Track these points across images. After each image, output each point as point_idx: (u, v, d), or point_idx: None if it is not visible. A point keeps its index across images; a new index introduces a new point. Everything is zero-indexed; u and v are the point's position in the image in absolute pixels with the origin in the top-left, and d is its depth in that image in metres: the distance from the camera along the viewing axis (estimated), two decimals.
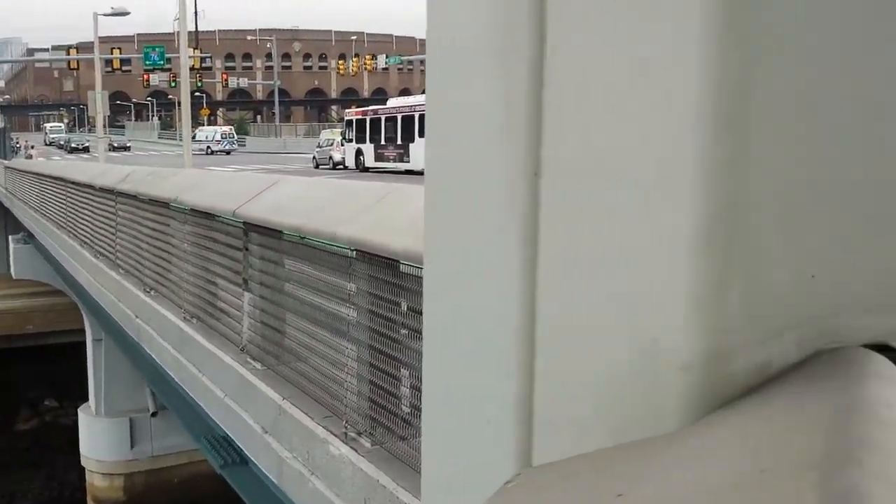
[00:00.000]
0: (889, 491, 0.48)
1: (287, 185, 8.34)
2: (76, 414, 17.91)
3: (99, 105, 35.00)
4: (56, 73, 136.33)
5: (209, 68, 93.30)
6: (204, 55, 74.41)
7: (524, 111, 0.81)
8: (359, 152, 38.42)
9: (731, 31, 0.66)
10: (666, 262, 0.69)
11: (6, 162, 35.75)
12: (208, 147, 64.43)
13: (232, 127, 77.40)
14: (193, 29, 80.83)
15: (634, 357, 0.72)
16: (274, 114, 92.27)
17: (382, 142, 36.64)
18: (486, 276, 0.87)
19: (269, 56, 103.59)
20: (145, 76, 69.76)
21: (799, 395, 0.66)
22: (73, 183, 16.95)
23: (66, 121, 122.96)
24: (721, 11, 0.66)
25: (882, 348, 0.70)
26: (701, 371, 0.67)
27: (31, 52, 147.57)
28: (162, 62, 62.54)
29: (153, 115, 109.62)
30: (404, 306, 5.02)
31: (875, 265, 0.74)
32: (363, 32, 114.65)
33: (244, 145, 74.66)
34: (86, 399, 17.39)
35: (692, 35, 0.67)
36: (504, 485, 0.79)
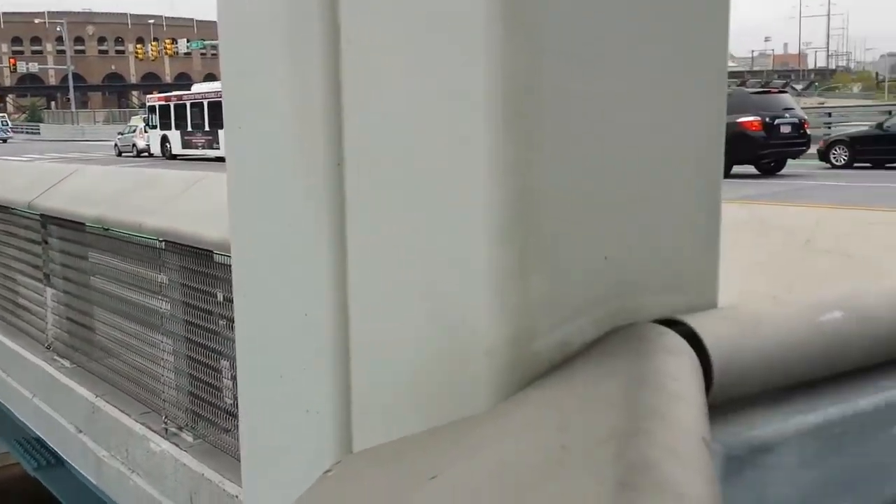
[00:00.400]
0: (675, 461, 0.51)
1: (87, 173, 7.95)
2: None
3: None
4: None
5: None
6: None
7: (321, 101, 0.80)
8: (164, 139, 36.84)
9: (515, 34, 0.68)
10: (467, 251, 0.71)
11: None
12: None
13: (5, 115, 72.19)
14: None
15: (442, 343, 0.73)
16: (69, 100, 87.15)
17: (189, 128, 35.25)
18: (296, 265, 0.86)
19: (60, 40, 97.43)
20: None
21: (596, 371, 0.69)
22: None
23: None
24: (504, 15, 0.68)
25: (671, 323, 0.75)
26: (505, 354, 0.70)
27: None
28: None
29: None
30: (220, 296, 4.90)
31: (661, 247, 0.79)
32: (162, 16, 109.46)
33: (38, 133, 70.26)
34: None
35: (478, 36, 0.69)
36: (324, 473, 0.79)
